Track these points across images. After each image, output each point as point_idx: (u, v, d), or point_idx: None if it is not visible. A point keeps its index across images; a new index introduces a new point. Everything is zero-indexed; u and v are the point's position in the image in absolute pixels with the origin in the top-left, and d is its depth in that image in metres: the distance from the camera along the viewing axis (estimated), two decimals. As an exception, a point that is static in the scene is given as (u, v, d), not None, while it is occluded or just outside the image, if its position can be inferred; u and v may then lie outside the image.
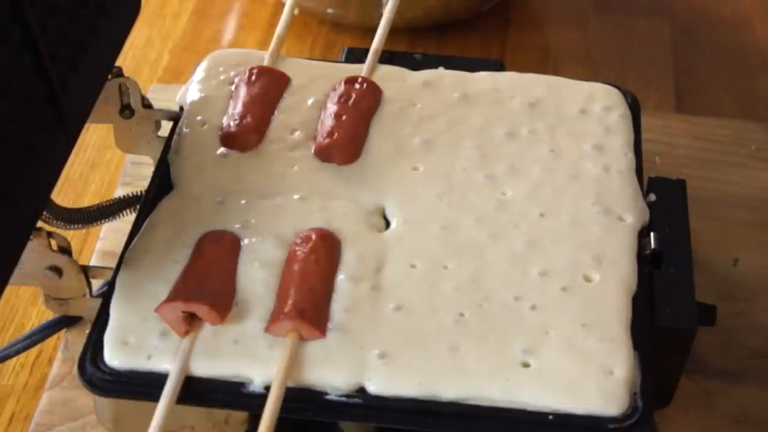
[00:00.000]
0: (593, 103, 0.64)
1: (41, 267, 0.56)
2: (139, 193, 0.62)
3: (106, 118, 0.63)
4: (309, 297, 0.53)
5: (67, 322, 0.64)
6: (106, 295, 0.54)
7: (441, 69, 0.66)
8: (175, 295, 0.53)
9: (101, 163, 0.79)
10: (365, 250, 0.56)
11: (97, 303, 0.55)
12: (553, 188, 0.59)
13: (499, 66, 0.67)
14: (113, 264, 0.56)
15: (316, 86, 0.64)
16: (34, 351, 0.66)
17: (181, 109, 0.64)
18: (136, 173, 0.74)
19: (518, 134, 0.62)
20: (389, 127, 0.62)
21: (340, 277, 0.54)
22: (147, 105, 0.64)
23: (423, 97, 0.64)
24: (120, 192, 0.69)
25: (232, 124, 0.61)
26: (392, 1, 0.69)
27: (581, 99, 0.64)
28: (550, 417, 0.50)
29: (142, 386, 0.51)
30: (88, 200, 0.75)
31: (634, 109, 0.64)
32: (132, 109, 0.63)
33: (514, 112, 0.63)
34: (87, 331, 0.54)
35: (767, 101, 0.85)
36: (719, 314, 0.57)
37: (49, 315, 0.63)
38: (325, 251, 0.55)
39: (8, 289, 0.49)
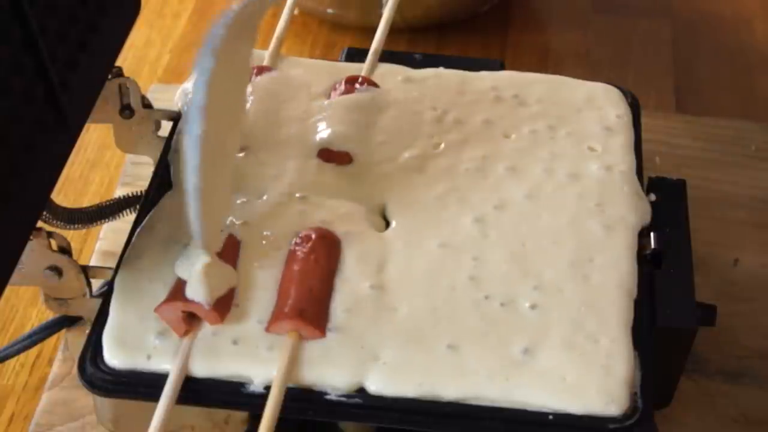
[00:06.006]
0: (593, 103, 0.64)
1: (41, 267, 0.55)
2: (139, 193, 0.62)
3: (106, 118, 0.63)
4: (309, 297, 0.53)
5: (67, 322, 0.64)
6: (106, 295, 0.54)
7: (441, 69, 0.66)
8: (174, 295, 0.53)
9: (101, 163, 0.79)
10: (365, 250, 0.56)
11: (97, 303, 0.55)
12: (553, 188, 0.59)
13: (499, 66, 0.67)
14: (113, 264, 0.56)
15: (317, 85, 0.64)
16: (34, 351, 0.66)
17: (181, 109, 0.64)
18: (136, 173, 0.74)
19: (518, 134, 0.62)
20: (389, 127, 0.62)
21: (340, 277, 0.54)
22: (147, 105, 0.64)
23: (423, 97, 0.64)
24: (120, 192, 0.69)
25: (232, 124, 0.61)
26: (392, 1, 0.69)
27: (581, 99, 0.64)
28: (550, 417, 0.50)
29: (142, 386, 0.51)
30: (88, 200, 0.75)
31: (634, 109, 0.64)
32: (132, 109, 0.63)
33: (514, 111, 0.63)
34: (87, 331, 0.54)
35: (767, 101, 0.85)
36: (719, 314, 0.57)
37: (49, 315, 0.63)
38: (325, 251, 0.55)
39: (8, 289, 0.49)
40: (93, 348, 0.52)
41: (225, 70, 0.48)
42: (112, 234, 0.70)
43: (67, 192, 0.76)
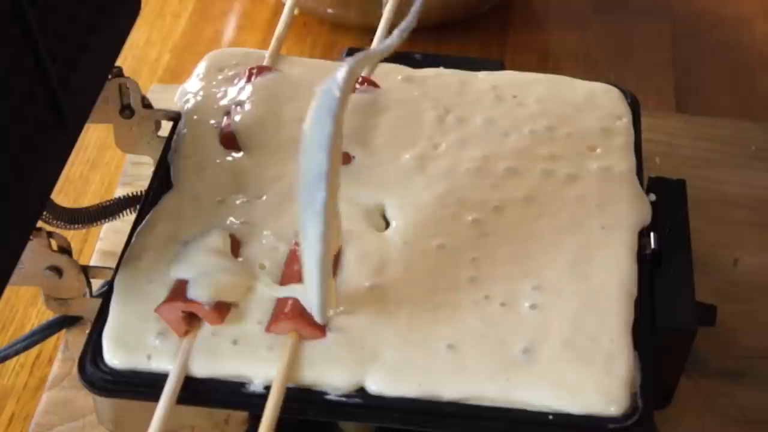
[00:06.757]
0: (593, 103, 0.64)
1: (41, 267, 0.56)
2: (139, 193, 0.62)
3: (106, 118, 0.63)
4: (309, 297, 0.53)
5: (67, 322, 0.64)
6: (106, 295, 0.54)
7: (441, 69, 0.66)
8: (174, 295, 0.53)
9: (101, 163, 0.79)
10: (365, 250, 0.56)
11: (97, 303, 0.55)
12: (552, 188, 0.59)
13: (499, 66, 0.67)
14: (113, 264, 0.56)
15: (317, 85, 0.64)
16: (34, 351, 0.66)
17: (181, 108, 0.64)
18: (136, 173, 0.74)
19: (518, 134, 0.62)
20: (389, 126, 0.62)
21: (340, 277, 0.54)
22: (147, 105, 0.64)
23: (423, 97, 0.64)
24: (120, 192, 0.69)
25: (231, 123, 0.61)
26: (392, 1, 0.69)
27: (581, 99, 0.64)
28: (550, 417, 0.50)
29: (142, 386, 0.51)
30: (88, 200, 0.75)
31: (634, 109, 0.64)
32: (132, 109, 0.63)
33: (514, 111, 0.63)
34: (87, 331, 0.54)
35: (767, 101, 0.85)
36: (719, 314, 0.57)
37: (49, 315, 0.63)
38: (325, 251, 0.55)
39: (8, 289, 0.49)
40: (93, 348, 0.52)
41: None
42: (112, 234, 0.70)
43: (67, 192, 0.76)
